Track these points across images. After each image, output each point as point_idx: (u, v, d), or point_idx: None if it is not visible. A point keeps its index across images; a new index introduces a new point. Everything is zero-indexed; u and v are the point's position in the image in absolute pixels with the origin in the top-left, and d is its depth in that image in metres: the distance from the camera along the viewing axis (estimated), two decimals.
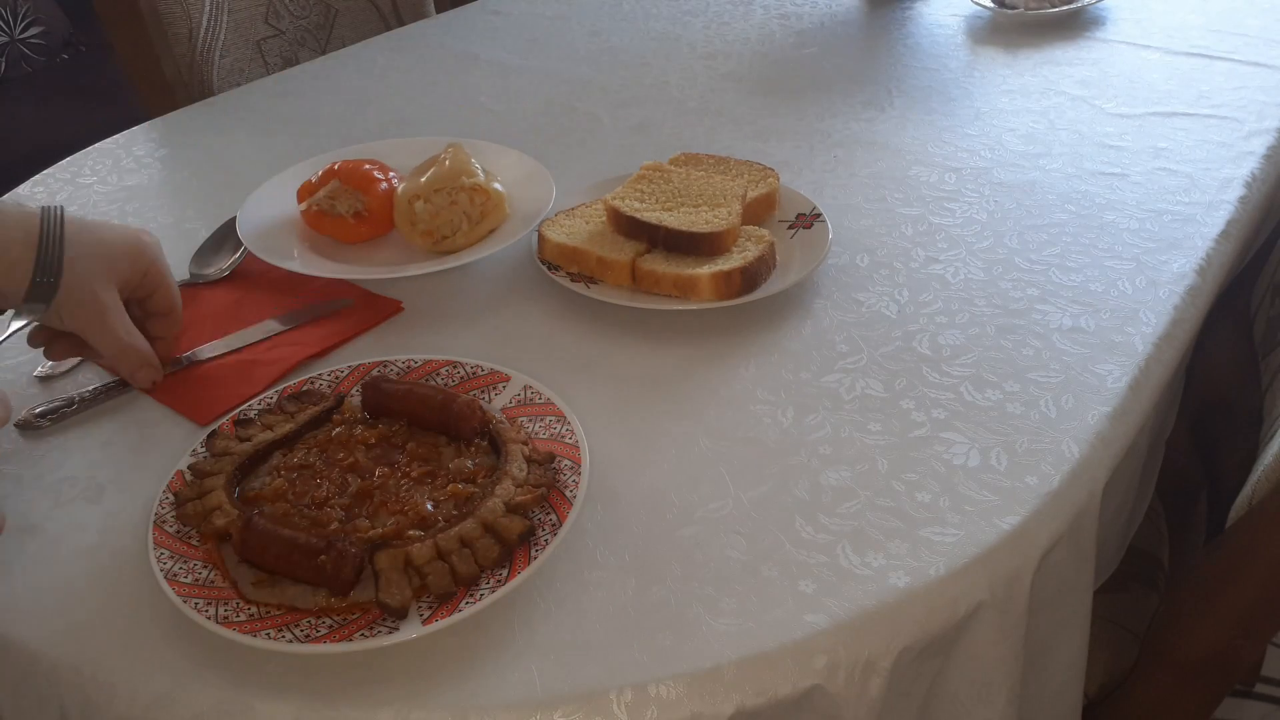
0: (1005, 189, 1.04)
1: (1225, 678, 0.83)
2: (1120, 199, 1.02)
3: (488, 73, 1.37)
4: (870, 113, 1.21)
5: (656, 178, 0.98)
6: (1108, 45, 1.37)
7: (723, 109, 1.24)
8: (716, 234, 0.89)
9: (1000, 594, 0.64)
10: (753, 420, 0.76)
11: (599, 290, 0.88)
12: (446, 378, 0.79)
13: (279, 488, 0.68)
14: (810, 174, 1.08)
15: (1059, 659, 0.73)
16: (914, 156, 1.11)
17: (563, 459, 0.70)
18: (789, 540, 0.66)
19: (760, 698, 0.58)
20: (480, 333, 0.87)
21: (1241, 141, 1.10)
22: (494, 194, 0.94)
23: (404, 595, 0.60)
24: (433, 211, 0.92)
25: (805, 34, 1.45)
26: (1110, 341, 0.82)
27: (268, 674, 0.59)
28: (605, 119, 1.23)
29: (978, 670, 0.65)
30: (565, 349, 0.85)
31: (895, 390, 0.78)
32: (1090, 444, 0.73)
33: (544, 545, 0.64)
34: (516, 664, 0.59)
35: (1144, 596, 0.99)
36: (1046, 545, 0.67)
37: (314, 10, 1.67)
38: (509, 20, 1.55)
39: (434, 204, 0.92)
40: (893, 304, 0.88)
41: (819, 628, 0.60)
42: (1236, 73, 1.26)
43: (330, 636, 0.59)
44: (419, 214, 0.92)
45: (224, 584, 0.63)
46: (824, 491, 0.70)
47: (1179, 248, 0.93)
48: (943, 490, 0.69)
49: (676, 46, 1.43)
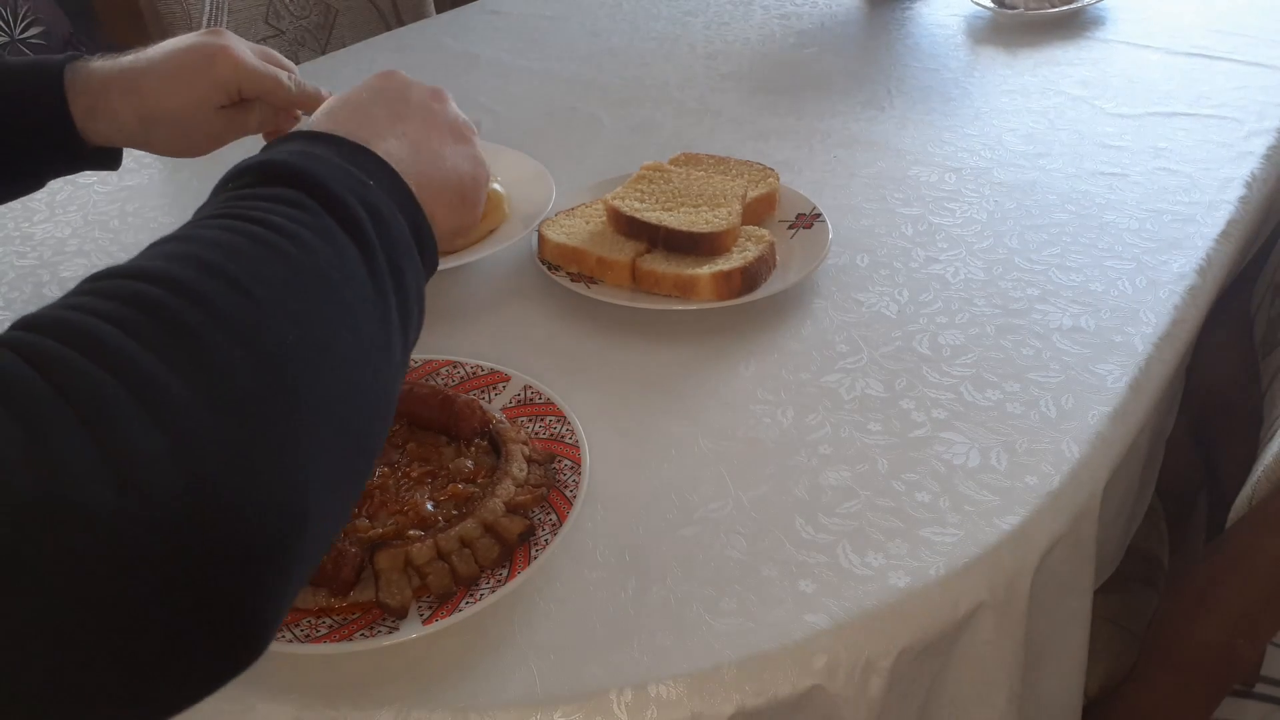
0: (1005, 189, 1.04)
1: (1225, 678, 0.83)
2: (1120, 199, 1.02)
3: (488, 73, 1.37)
4: (870, 113, 1.21)
5: (656, 178, 0.98)
6: (1108, 45, 1.37)
7: (723, 109, 1.24)
8: (716, 234, 0.89)
9: (1000, 594, 0.64)
10: (753, 420, 0.76)
11: (599, 290, 0.88)
12: (446, 378, 0.79)
13: None
14: (810, 174, 1.08)
15: (1059, 659, 0.73)
16: (914, 156, 1.11)
17: (563, 459, 0.70)
18: (789, 540, 0.66)
19: (760, 698, 0.58)
20: (480, 333, 0.87)
21: (1241, 141, 1.10)
22: (493, 195, 0.94)
23: (404, 595, 0.60)
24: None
25: (805, 34, 1.45)
26: (1110, 341, 0.82)
27: (268, 674, 0.59)
28: (605, 119, 1.23)
29: (978, 670, 0.65)
30: (565, 349, 0.85)
31: (895, 390, 0.78)
32: (1090, 444, 0.73)
33: (544, 545, 0.64)
34: (516, 664, 0.59)
35: (1144, 596, 0.99)
36: (1046, 545, 0.67)
37: (314, 10, 1.67)
38: (509, 20, 1.55)
39: None
40: (893, 304, 0.88)
41: (819, 628, 0.60)
42: (1236, 73, 1.26)
43: (330, 636, 0.59)
44: None
45: None
46: (824, 491, 0.70)
47: (1179, 248, 0.93)
48: (943, 490, 0.69)
49: (676, 46, 1.43)
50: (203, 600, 0.35)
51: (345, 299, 0.43)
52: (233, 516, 0.35)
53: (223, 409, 0.36)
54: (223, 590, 0.35)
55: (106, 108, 0.77)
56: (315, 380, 0.39)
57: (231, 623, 0.36)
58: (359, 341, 0.43)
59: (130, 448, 0.33)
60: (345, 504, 0.43)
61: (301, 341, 0.39)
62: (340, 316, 0.42)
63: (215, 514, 0.34)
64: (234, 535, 0.35)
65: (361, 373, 0.43)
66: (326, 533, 0.41)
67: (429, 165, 0.56)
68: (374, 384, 0.44)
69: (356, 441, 0.42)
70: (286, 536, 0.37)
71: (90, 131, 0.78)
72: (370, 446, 0.44)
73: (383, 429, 0.45)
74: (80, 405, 0.33)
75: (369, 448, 0.44)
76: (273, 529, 0.36)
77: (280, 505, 0.37)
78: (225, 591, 0.35)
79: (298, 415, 0.38)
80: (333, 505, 0.40)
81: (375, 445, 0.45)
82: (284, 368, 0.38)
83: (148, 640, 0.34)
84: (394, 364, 0.46)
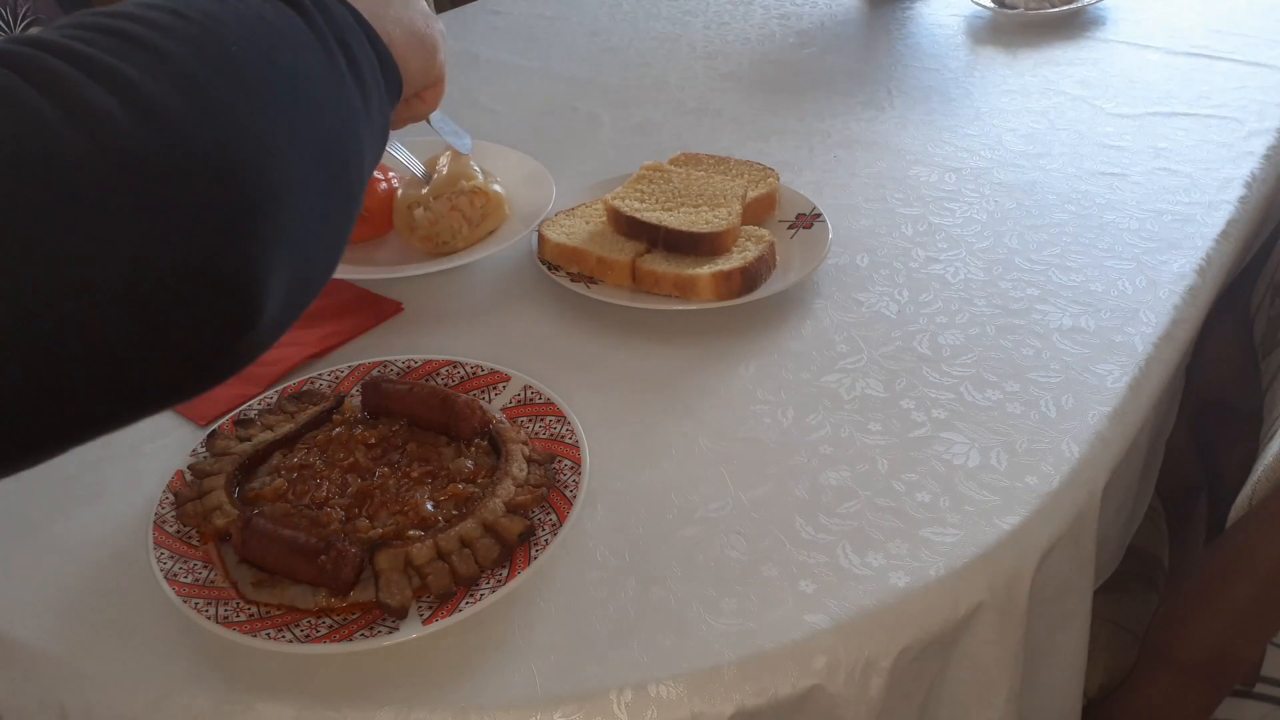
0: (1005, 189, 1.04)
1: (1225, 678, 0.83)
2: (1120, 199, 1.01)
3: (488, 73, 1.37)
4: (870, 113, 1.21)
5: (656, 178, 0.98)
6: (1108, 45, 1.37)
7: (723, 109, 1.24)
8: (716, 234, 0.89)
9: (1000, 594, 0.64)
10: (753, 420, 0.76)
11: (599, 290, 0.88)
12: (446, 378, 0.79)
13: (279, 488, 0.68)
14: (810, 174, 1.08)
15: (1059, 659, 0.73)
16: (914, 156, 1.11)
17: (563, 459, 0.70)
18: (789, 540, 0.66)
19: (760, 698, 0.58)
20: (480, 333, 0.87)
21: (1241, 141, 1.10)
22: (493, 195, 0.94)
23: (404, 595, 0.60)
24: (432, 219, 0.92)
25: (805, 34, 1.45)
26: (1110, 341, 0.82)
27: (268, 674, 0.59)
28: (605, 119, 1.23)
29: (978, 670, 0.65)
30: (565, 349, 0.85)
31: (895, 390, 0.78)
32: (1090, 444, 0.73)
33: (544, 545, 0.64)
34: (516, 664, 0.59)
35: (1144, 596, 0.99)
36: (1046, 545, 0.67)
37: None
38: (509, 20, 1.55)
39: (434, 210, 0.92)
40: (893, 304, 0.88)
41: (819, 628, 0.60)
42: (1236, 73, 1.26)
43: (330, 636, 0.59)
44: (418, 221, 0.92)
45: (224, 584, 0.63)
46: (824, 491, 0.70)
47: (1179, 248, 0.93)
48: (943, 490, 0.69)
49: (676, 46, 1.43)
50: (185, 255, 0.37)
51: (287, 36, 0.45)
52: (197, 166, 0.37)
53: (172, 82, 0.38)
54: (203, 245, 0.37)
55: None
56: (263, 75, 0.42)
57: (218, 282, 0.38)
58: (305, 63, 0.45)
59: (83, 102, 0.35)
60: (323, 202, 0.44)
61: (246, 48, 0.42)
62: (281, 43, 0.45)
63: (179, 162, 0.37)
64: (202, 186, 0.37)
65: (310, 88, 0.45)
66: (306, 216, 0.42)
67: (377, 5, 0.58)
68: (328, 108, 0.46)
69: (320, 148, 0.44)
70: (256, 194, 0.39)
71: None
72: (338, 168, 0.46)
73: (354, 160, 0.48)
74: (32, 77, 0.35)
75: (337, 166, 0.46)
76: (240, 184, 0.39)
77: (242, 163, 0.39)
78: (206, 246, 0.37)
79: (245, 92, 0.40)
80: (306, 192, 0.42)
81: (345, 170, 0.47)
82: (230, 58, 0.41)
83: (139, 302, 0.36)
84: (352, 108, 0.48)
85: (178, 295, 0.37)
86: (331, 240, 0.46)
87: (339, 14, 0.50)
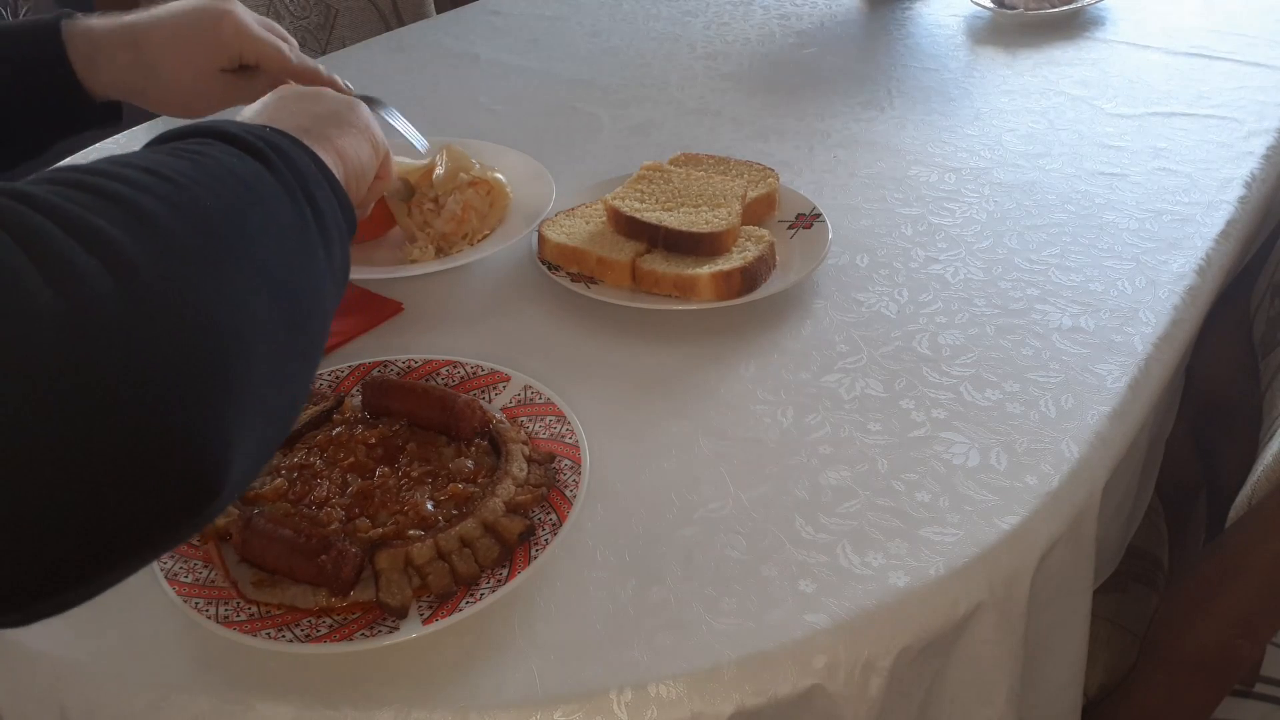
0: (1005, 189, 1.04)
1: (1225, 678, 0.83)
2: (1120, 199, 1.02)
3: (488, 73, 1.37)
4: (870, 113, 1.21)
5: (656, 178, 0.98)
6: (1108, 45, 1.37)
7: (723, 109, 1.24)
8: (716, 234, 0.89)
9: (1000, 594, 0.64)
10: (753, 420, 0.76)
11: (599, 290, 0.88)
12: (446, 378, 0.79)
13: (279, 488, 0.68)
14: (810, 174, 1.08)
15: (1059, 659, 0.73)
16: (914, 156, 1.11)
17: (563, 459, 0.70)
18: (789, 540, 0.66)
19: (760, 698, 0.58)
20: (480, 333, 0.87)
21: (1241, 141, 1.10)
22: (494, 182, 0.95)
23: (404, 595, 0.60)
24: (449, 215, 0.92)
25: (805, 34, 1.45)
26: (1110, 341, 0.82)
27: (268, 674, 0.59)
28: (605, 119, 1.23)
29: (978, 670, 0.65)
30: (565, 349, 0.85)
31: (895, 390, 0.78)
32: (1090, 444, 0.73)
33: (544, 545, 0.64)
34: (516, 664, 0.59)
35: (1144, 596, 0.99)
36: (1046, 545, 0.67)
37: (314, 10, 1.67)
38: (509, 20, 1.55)
39: (449, 209, 0.92)
40: (892, 304, 0.88)
41: (819, 628, 0.60)
42: (1236, 73, 1.26)
43: (330, 636, 0.59)
44: (444, 218, 0.92)
45: (224, 584, 0.63)
46: (824, 491, 0.70)
47: (1179, 248, 0.93)
48: (943, 490, 0.69)
49: (676, 46, 1.43)
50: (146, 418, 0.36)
51: (257, 191, 0.47)
52: (167, 326, 0.37)
53: (146, 241, 0.38)
54: (165, 406, 0.36)
55: (107, 57, 0.78)
56: (237, 234, 0.43)
57: (178, 445, 0.37)
58: (274, 219, 0.46)
59: (63, 261, 0.35)
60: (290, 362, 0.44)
61: (220, 207, 0.43)
62: (252, 200, 0.46)
63: (148, 322, 0.36)
64: (169, 346, 0.37)
65: (281, 244, 0.46)
66: (275, 377, 0.42)
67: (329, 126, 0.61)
68: (296, 265, 0.46)
69: (289, 306, 0.44)
70: (227, 355, 0.39)
71: (90, 81, 0.79)
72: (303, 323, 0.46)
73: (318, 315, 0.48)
74: (14, 231, 0.35)
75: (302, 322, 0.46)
76: (209, 344, 0.39)
77: (213, 323, 0.39)
78: (168, 407, 0.37)
79: (220, 251, 0.41)
80: (275, 353, 0.42)
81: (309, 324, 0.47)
82: (205, 217, 0.42)
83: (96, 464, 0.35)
84: (316, 260, 0.49)
85: (144, 461, 0.36)
86: (293, 398, 0.46)
87: (302, 164, 0.51)
